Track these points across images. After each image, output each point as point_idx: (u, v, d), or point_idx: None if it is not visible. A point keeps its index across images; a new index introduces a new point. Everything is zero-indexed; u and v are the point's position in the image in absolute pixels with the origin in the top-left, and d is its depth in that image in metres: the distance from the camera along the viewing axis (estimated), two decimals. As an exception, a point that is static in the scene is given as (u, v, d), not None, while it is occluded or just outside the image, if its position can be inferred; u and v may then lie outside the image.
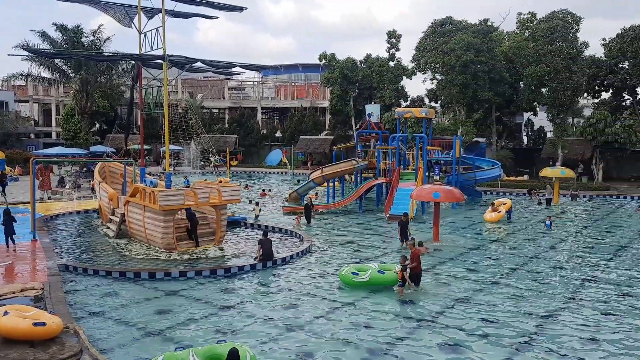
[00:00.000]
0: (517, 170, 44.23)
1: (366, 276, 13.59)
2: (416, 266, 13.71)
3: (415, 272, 13.70)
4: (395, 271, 13.64)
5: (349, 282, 13.74)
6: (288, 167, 52.90)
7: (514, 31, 48.24)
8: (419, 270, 13.79)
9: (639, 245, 19.83)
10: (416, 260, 13.73)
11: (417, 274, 13.75)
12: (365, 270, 13.77)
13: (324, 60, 55.39)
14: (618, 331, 10.97)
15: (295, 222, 23.44)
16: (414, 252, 13.94)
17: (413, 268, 13.65)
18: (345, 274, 13.85)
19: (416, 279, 13.74)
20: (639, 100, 42.85)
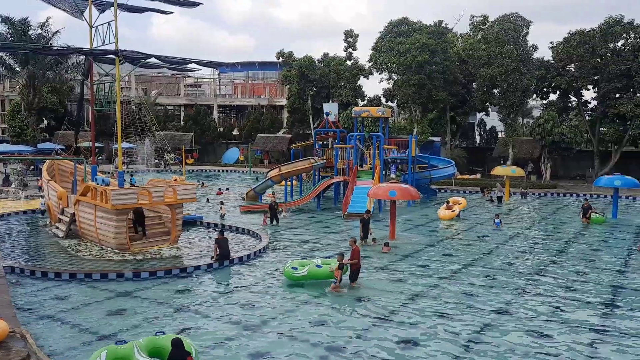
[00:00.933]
0: (470, 168, 45.43)
1: (304, 271, 13.93)
2: (356, 263, 13.94)
3: (354, 269, 13.93)
4: (331, 269, 13.83)
5: (290, 277, 14.12)
6: (247, 165, 52.47)
7: (467, 33, 49.45)
8: (358, 267, 14.03)
9: (583, 241, 20.74)
10: (356, 257, 13.98)
11: (355, 271, 14.00)
12: (304, 265, 14.12)
13: (281, 59, 55.21)
14: (565, 324, 11.42)
15: (262, 222, 22.99)
16: (354, 249, 14.17)
17: (353, 265, 13.87)
18: (287, 269, 14.24)
19: (354, 276, 13.99)
20: (584, 102, 44.75)
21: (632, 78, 39.08)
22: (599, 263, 16.94)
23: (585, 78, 41.69)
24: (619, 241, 20.59)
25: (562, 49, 42.37)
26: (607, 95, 41.01)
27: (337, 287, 13.37)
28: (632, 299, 13.19)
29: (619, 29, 40.43)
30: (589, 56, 40.91)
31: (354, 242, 14.70)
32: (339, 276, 13.37)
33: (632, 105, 38.61)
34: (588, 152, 44.17)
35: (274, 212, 23.45)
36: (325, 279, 13.93)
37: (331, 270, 13.86)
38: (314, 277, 13.97)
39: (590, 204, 25.55)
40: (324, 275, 13.92)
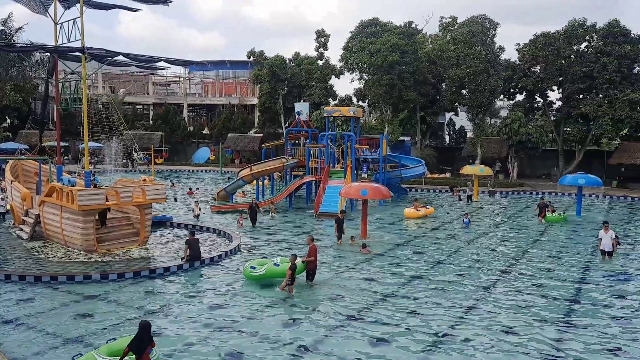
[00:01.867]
0: (439, 168, 46.05)
1: (262, 269, 13.92)
2: (313, 261, 14.02)
3: (311, 267, 14.00)
4: (303, 260, 13.93)
5: (249, 277, 14.11)
6: (218, 165, 52.00)
7: (437, 34, 50.10)
8: (315, 265, 14.12)
9: (549, 238, 21.27)
10: (313, 255, 14.04)
11: (313, 270, 14.07)
12: (262, 264, 14.12)
13: (252, 58, 54.88)
14: (533, 320, 11.70)
15: (238, 225, 22.51)
16: (311, 248, 14.20)
17: (310, 263, 13.94)
18: (246, 268, 14.24)
19: (312, 275, 14.05)
20: (549, 103, 45.89)
21: (594, 79, 40.26)
22: (564, 260, 17.40)
23: (550, 79, 42.75)
24: (583, 238, 21.19)
25: (528, 50, 43.33)
26: (571, 96, 42.15)
27: (284, 286, 13.26)
28: (595, 295, 13.59)
29: (582, 32, 41.59)
30: (554, 58, 41.97)
31: (311, 240, 14.66)
32: (290, 276, 13.22)
33: (595, 106, 39.79)
34: (553, 151, 45.33)
35: (254, 213, 22.88)
36: (284, 277, 13.79)
37: (303, 261, 13.92)
38: (273, 276, 13.91)
39: (546, 203, 25.88)
40: (283, 273, 13.75)
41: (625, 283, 14.63)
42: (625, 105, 38.81)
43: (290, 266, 13.32)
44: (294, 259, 13.51)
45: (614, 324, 11.47)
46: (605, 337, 10.73)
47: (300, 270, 13.98)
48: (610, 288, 14.13)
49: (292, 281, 13.28)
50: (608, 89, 39.73)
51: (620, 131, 41.51)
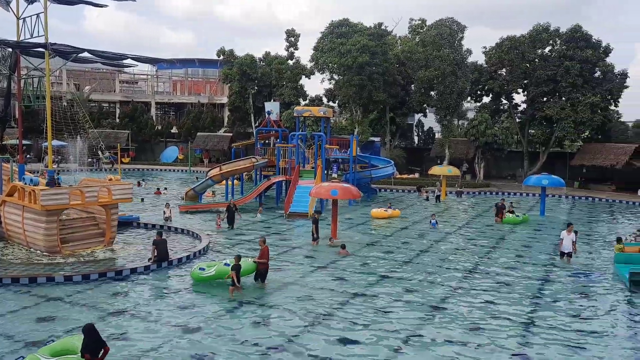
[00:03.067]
0: (408, 168, 46.58)
1: (212, 270, 13.77)
2: (265, 263, 13.93)
3: (262, 269, 13.91)
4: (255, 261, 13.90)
5: (198, 279, 13.91)
6: (187, 164, 51.35)
7: (406, 36, 50.66)
8: (266, 267, 14.03)
9: (514, 237, 21.77)
10: (265, 256, 13.97)
11: (264, 271, 13.98)
12: (212, 266, 13.95)
13: (222, 56, 54.40)
14: (498, 317, 11.95)
15: (216, 225, 22.09)
16: (263, 249, 14.13)
17: (261, 264, 13.86)
18: (194, 270, 14.03)
19: (263, 276, 13.96)
20: (515, 105, 46.97)
21: (558, 83, 41.40)
22: (528, 258, 17.84)
23: (515, 82, 43.76)
24: (546, 237, 21.76)
25: (494, 53, 44.26)
26: (535, 98, 43.24)
27: (234, 289, 13.06)
28: (557, 292, 13.99)
29: (546, 36, 42.73)
30: (519, 61, 42.97)
31: (264, 242, 14.53)
32: (234, 277, 13.05)
33: (558, 109, 40.93)
34: (518, 152, 46.41)
35: (232, 214, 22.44)
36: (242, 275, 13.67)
37: (255, 261, 13.85)
38: (223, 276, 13.66)
39: (504, 204, 26.13)
40: None
41: (587, 281, 15.09)
42: (587, 108, 40.06)
43: (233, 267, 13.12)
44: (238, 260, 13.32)
45: (576, 321, 11.81)
46: (567, 334, 11.04)
47: (251, 271, 13.84)
48: (572, 286, 14.55)
49: (237, 281, 13.11)
50: (570, 92, 40.92)
51: (582, 133, 42.84)
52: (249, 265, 13.89)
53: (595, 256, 18.25)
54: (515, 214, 25.33)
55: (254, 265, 13.96)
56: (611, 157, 39.22)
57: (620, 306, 12.92)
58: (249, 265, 13.93)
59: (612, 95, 42.27)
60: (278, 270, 15.41)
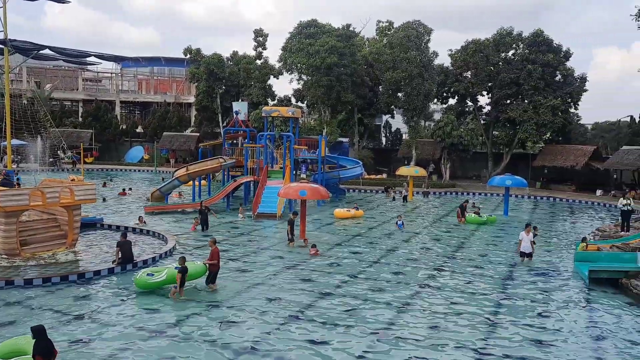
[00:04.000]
0: (376, 169, 46.99)
1: (163, 275, 13.16)
2: (215, 264, 13.66)
3: (213, 270, 13.63)
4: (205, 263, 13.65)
5: (145, 285, 13.14)
6: (153, 164, 50.47)
7: (374, 38, 51.09)
8: (217, 268, 13.75)
9: (479, 237, 22.22)
10: (216, 258, 13.68)
11: (214, 273, 13.68)
12: (161, 271, 13.36)
13: (189, 55, 53.73)
14: (463, 316, 12.17)
15: (191, 228, 21.60)
16: (213, 250, 13.84)
17: (212, 266, 13.59)
18: (140, 277, 13.18)
19: (213, 278, 13.63)
20: (480, 107, 47.97)
21: (520, 86, 42.49)
22: (492, 257, 18.23)
23: (480, 84, 44.69)
24: (510, 236, 22.28)
25: (460, 56, 45.11)
26: (499, 101, 44.26)
27: (177, 291, 12.75)
28: (519, 291, 14.34)
29: (510, 40, 43.80)
30: (484, 64, 43.92)
31: (214, 242, 14.24)
32: (179, 280, 12.71)
33: (521, 111, 42.00)
34: (483, 153, 47.41)
35: (204, 217, 21.89)
36: (192, 278, 13.42)
37: (205, 264, 13.63)
38: (174, 280, 13.02)
39: (466, 205, 26.48)
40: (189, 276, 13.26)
41: (548, 279, 15.52)
42: (548, 110, 41.26)
43: (180, 269, 12.79)
44: (183, 262, 13.00)
45: (537, 318, 12.13)
46: (529, 331, 11.33)
47: (201, 273, 13.56)
48: (533, 284, 14.94)
49: (182, 284, 12.79)
50: (533, 95, 42.06)
51: (543, 135, 44.08)
52: (199, 268, 13.59)
53: (556, 255, 18.79)
54: (480, 214, 25.76)
55: (204, 267, 13.62)
56: (571, 159, 40.48)
57: (580, 303, 13.33)
58: (200, 267, 13.63)
59: (572, 98, 43.68)
60: (246, 272, 15.31)
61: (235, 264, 16.29)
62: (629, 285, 14.09)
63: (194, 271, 13.49)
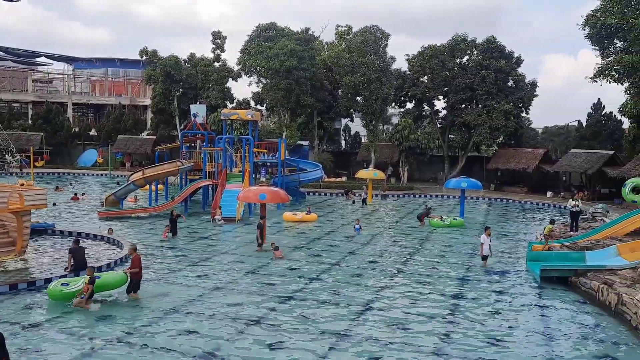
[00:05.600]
0: (336, 172, 47.27)
1: (80, 284, 12.53)
2: (137, 272, 13.14)
3: (135, 278, 13.13)
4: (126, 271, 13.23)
5: (59, 296, 12.44)
6: (108, 168, 49.08)
7: (333, 42, 51.45)
8: (140, 276, 13.22)
9: (436, 238, 22.67)
10: (136, 265, 13.13)
11: (136, 281, 13.14)
12: (77, 281, 12.74)
13: (145, 57, 52.63)
14: (423, 316, 12.38)
15: (163, 235, 20.77)
16: (134, 258, 13.29)
17: (134, 274, 13.09)
18: (54, 288, 12.52)
19: (136, 286, 13.11)
20: (436, 111, 49.01)
21: (475, 91, 43.69)
22: (449, 258, 18.63)
23: (436, 89, 45.69)
24: (466, 237, 22.83)
25: (416, 61, 46.00)
26: (454, 105, 45.36)
27: (83, 302, 12.03)
28: (475, 290, 14.71)
29: (464, 46, 44.98)
30: (440, 69, 44.92)
31: (134, 250, 13.73)
32: (88, 291, 12.10)
33: (475, 115, 43.18)
34: (439, 156, 48.45)
35: (174, 223, 21.25)
36: (109, 288, 13.00)
37: (125, 272, 13.15)
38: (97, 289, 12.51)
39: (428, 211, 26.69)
40: (107, 284, 12.84)
41: (502, 278, 15.98)
42: (501, 115, 42.59)
43: (89, 280, 12.17)
44: (92, 272, 12.38)
45: (493, 317, 12.47)
46: (485, 329, 11.63)
47: (120, 283, 13.06)
48: (488, 284, 15.35)
49: (91, 296, 12.19)
50: (486, 99, 43.32)
51: (496, 139, 45.45)
52: (117, 277, 13.11)
53: (509, 255, 19.37)
54: (442, 218, 26.00)
55: (124, 276, 13.12)
56: (523, 161, 41.88)
57: (533, 301, 13.79)
58: (119, 276, 13.15)
59: (523, 103, 45.24)
60: (205, 277, 15.10)
61: (193, 269, 16.03)
62: (578, 283, 14.68)
63: (112, 281, 12.96)
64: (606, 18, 27.39)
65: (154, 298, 13.07)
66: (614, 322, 12.09)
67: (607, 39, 29.41)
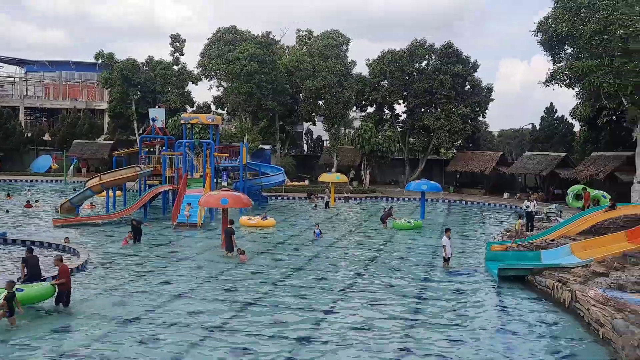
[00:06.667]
0: (299, 176, 47.29)
1: None
2: (65, 283, 12.45)
3: (63, 290, 12.54)
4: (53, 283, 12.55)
5: None
6: (63, 174, 47.50)
7: (294, 46, 51.53)
8: (68, 287, 12.57)
9: (399, 241, 22.95)
10: (64, 277, 12.45)
11: (66, 293, 12.52)
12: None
13: (101, 60, 51.37)
14: (386, 317, 12.50)
15: (123, 242, 20.23)
16: (61, 268, 12.60)
17: (61, 285, 12.47)
18: None
19: (64, 299, 12.49)
20: (396, 115, 49.73)
21: (433, 95, 44.58)
22: (410, 260, 18.88)
23: (396, 93, 46.38)
24: (426, 239, 23.20)
25: (377, 66, 46.59)
26: (414, 109, 46.16)
27: (3, 316, 11.26)
28: (437, 290, 14.97)
29: (423, 51, 45.85)
30: (399, 74, 45.63)
31: (60, 260, 13.06)
32: (6, 306, 11.25)
33: (434, 119, 44.05)
34: (400, 159, 49.17)
35: (137, 230, 20.60)
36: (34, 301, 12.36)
37: (52, 284, 12.47)
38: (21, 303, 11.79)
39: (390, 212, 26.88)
40: (32, 297, 12.22)
41: (462, 278, 16.32)
42: (459, 118, 43.60)
43: (6, 296, 11.34)
44: (11, 286, 11.54)
45: (454, 316, 12.71)
46: (446, 329, 11.84)
47: (47, 295, 12.46)
48: (449, 284, 15.65)
49: (11, 312, 11.23)
50: (445, 103, 44.27)
51: (455, 142, 46.51)
52: (43, 290, 12.47)
53: (469, 255, 19.80)
54: (400, 219, 26.36)
55: (51, 288, 12.50)
56: (480, 164, 42.98)
57: (492, 299, 14.14)
58: (44, 289, 12.50)
59: (480, 107, 46.47)
60: (166, 284, 14.81)
61: (153, 276, 15.70)
62: (534, 281, 15.15)
63: (37, 294, 12.34)
64: (557, 25, 28.45)
65: (113, 307, 12.72)
66: (569, 319, 12.52)
67: (559, 45, 30.54)
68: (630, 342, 9.58)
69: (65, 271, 12.59)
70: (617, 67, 26.65)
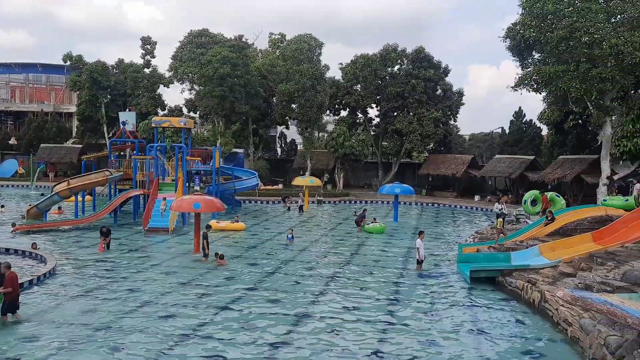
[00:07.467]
0: (272, 179, 47.13)
1: None
2: (12, 291, 11.88)
3: (9, 300, 11.97)
4: None
5: None
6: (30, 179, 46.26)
7: (267, 49, 51.43)
8: (15, 296, 11.98)
9: (371, 244, 23.07)
10: (10, 284, 11.85)
11: (13, 301, 11.97)
12: None
13: (69, 62, 50.30)
14: (360, 320, 12.53)
15: (99, 249, 19.69)
16: (8, 276, 11.93)
17: (8, 294, 11.91)
18: None
19: (12, 307, 11.97)
20: (369, 119, 50.07)
21: (406, 99, 45.06)
22: (384, 262, 19.01)
23: (369, 97, 46.74)
24: (400, 241, 23.40)
25: (350, 70, 46.88)
26: (387, 113, 46.58)
27: None
28: (410, 292, 15.10)
29: (395, 56, 46.35)
30: (372, 78, 46.00)
31: (8, 267, 12.40)
32: None
33: (407, 123, 44.52)
34: (373, 163, 49.51)
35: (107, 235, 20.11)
36: None
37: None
38: None
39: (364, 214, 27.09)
40: None
41: (435, 280, 16.50)
42: (431, 122, 44.18)
43: None
44: None
45: (426, 318, 12.84)
46: (420, 331, 11.95)
47: None
48: (422, 286, 15.81)
49: None
50: (417, 107, 44.80)
51: (427, 145, 47.08)
52: None
53: (441, 257, 20.03)
54: (374, 222, 26.47)
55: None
56: (452, 167, 43.60)
57: (464, 301, 14.33)
58: None
59: (451, 111, 47.20)
60: (136, 290, 14.55)
61: (123, 282, 15.40)
62: (504, 282, 15.41)
63: None
64: (525, 31, 29.08)
65: (82, 315, 12.42)
66: (538, 319, 12.78)
67: (526, 50, 31.22)
68: (597, 340, 9.82)
69: (11, 279, 11.96)
70: (582, 73, 27.39)
